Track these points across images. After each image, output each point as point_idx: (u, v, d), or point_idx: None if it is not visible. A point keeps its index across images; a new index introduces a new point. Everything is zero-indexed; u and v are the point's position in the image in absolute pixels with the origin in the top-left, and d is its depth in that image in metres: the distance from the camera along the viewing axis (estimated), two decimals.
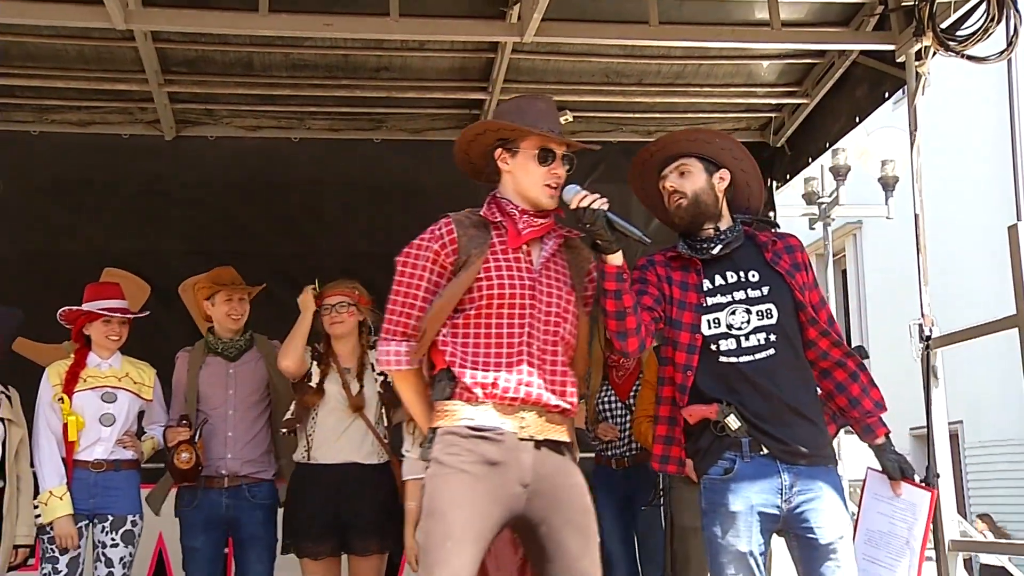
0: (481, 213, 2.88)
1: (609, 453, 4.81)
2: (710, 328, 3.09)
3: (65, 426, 4.30)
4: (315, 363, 4.35)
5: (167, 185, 5.80)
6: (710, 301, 3.12)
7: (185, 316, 4.80)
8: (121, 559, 4.32)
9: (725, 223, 3.22)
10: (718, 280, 3.15)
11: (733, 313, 3.10)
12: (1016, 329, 3.90)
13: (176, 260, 5.42)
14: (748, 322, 3.08)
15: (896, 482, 3.28)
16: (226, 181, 5.83)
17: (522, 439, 2.69)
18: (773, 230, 3.31)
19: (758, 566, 3.02)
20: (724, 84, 5.94)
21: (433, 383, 2.79)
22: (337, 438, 4.26)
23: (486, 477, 2.64)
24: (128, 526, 4.35)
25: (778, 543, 3.19)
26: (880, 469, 3.31)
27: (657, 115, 6.19)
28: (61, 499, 4.22)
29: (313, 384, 4.29)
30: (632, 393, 4.80)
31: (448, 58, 5.58)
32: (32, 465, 4.29)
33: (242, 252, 5.38)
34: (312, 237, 5.88)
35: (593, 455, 4.87)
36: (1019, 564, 5.86)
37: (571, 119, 5.94)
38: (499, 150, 2.90)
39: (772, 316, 3.08)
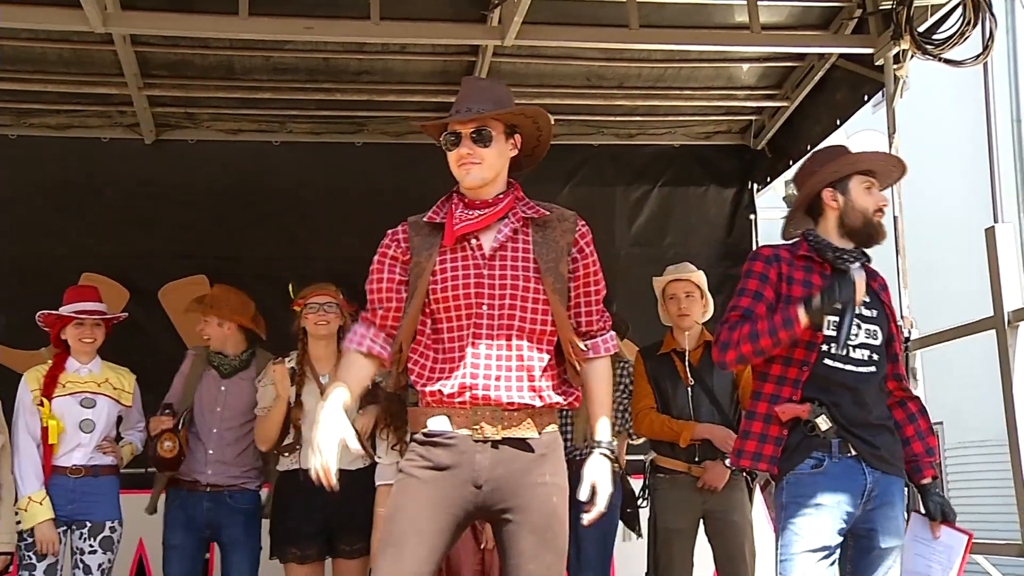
0: (427, 216, 2.83)
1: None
2: (828, 328, 3.14)
3: (45, 430, 4.28)
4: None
5: (148, 189, 5.76)
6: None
7: (167, 320, 4.79)
8: (99, 565, 4.29)
9: None
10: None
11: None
12: (994, 331, 3.92)
13: (158, 264, 5.42)
14: (857, 336, 3.17)
15: (936, 524, 3.34)
16: (208, 185, 5.81)
17: (476, 440, 2.64)
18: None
19: (834, 561, 3.11)
20: (704, 87, 5.97)
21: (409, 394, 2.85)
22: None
23: (434, 482, 2.64)
24: (107, 532, 4.33)
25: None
26: (924, 512, 3.37)
27: (638, 118, 6.21)
28: (41, 504, 4.19)
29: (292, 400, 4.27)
30: None
31: (429, 61, 5.59)
32: (12, 471, 4.25)
33: (225, 255, 5.38)
34: (295, 240, 5.86)
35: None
36: (1000, 565, 5.90)
37: (551, 122, 5.95)
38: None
39: (877, 338, 3.19)
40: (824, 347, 3.13)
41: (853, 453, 3.11)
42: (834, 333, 3.11)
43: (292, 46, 5.29)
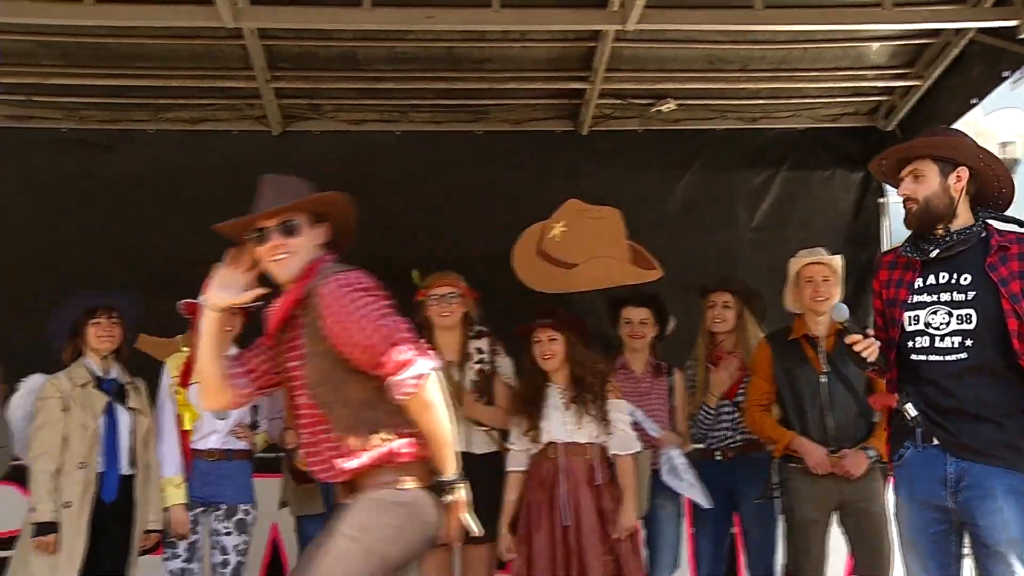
0: None
1: (715, 445, 4.74)
2: (909, 324, 3.22)
3: (180, 417, 4.43)
4: None
5: None
6: (915, 299, 3.24)
7: None
8: (235, 546, 4.43)
9: (961, 222, 3.26)
10: (930, 280, 3.24)
11: (934, 313, 3.20)
12: None
13: None
14: (947, 324, 3.17)
15: None
16: (331, 175, 5.80)
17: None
18: (1016, 233, 3.25)
19: (923, 552, 3.17)
20: (832, 68, 5.80)
21: None
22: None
23: None
24: (240, 515, 4.46)
25: None
26: None
27: (761, 101, 6.08)
28: (177, 488, 4.36)
29: None
30: (740, 390, 4.71)
31: (549, 48, 5.56)
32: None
33: (350, 247, 5.45)
34: (416, 228, 5.91)
35: (702, 446, 4.80)
36: None
37: (673, 107, 5.89)
38: None
39: (971, 321, 3.14)
40: (908, 343, 3.21)
41: (936, 442, 3.13)
42: (914, 329, 3.18)
43: (413, 36, 5.32)
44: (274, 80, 5.54)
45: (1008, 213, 3.31)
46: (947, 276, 3.21)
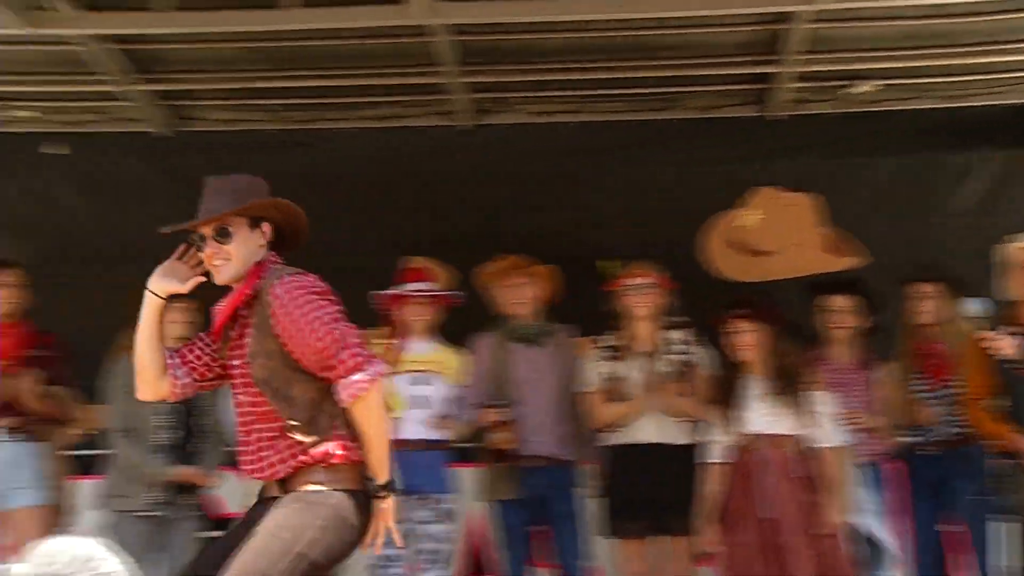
0: None
1: (927, 437, 4.54)
2: None
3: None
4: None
5: (468, 174, 5.99)
6: None
7: (486, 302, 4.94)
8: (438, 535, 4.51)
9: None
10: None
11: None
12: None
13: (475, 247, 5.58)
14: None
15: None
16: (523, 167, 5.97)
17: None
18: None
19: None
20: None
21: None
22: (644, 419, 4.28)
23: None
24: (441, 504, 4.54)
25: None
26: None
27: (966, 77, 5.77)
28: None
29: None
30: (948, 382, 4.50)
31: (735, 32, 5.45)
32: None
33: (538, 237, 5.50)
34: (603, 221, 5.90)
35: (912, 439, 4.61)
36: None
37: (870, 88, 5.68)
38: None
39: None
40: None
41: None
42: None
43: (596, 25, 5.32)
44: (464, 75, 5.62)
45: None
46: None
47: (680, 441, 4.32)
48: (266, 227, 2.83)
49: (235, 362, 2.79)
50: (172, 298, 2.86)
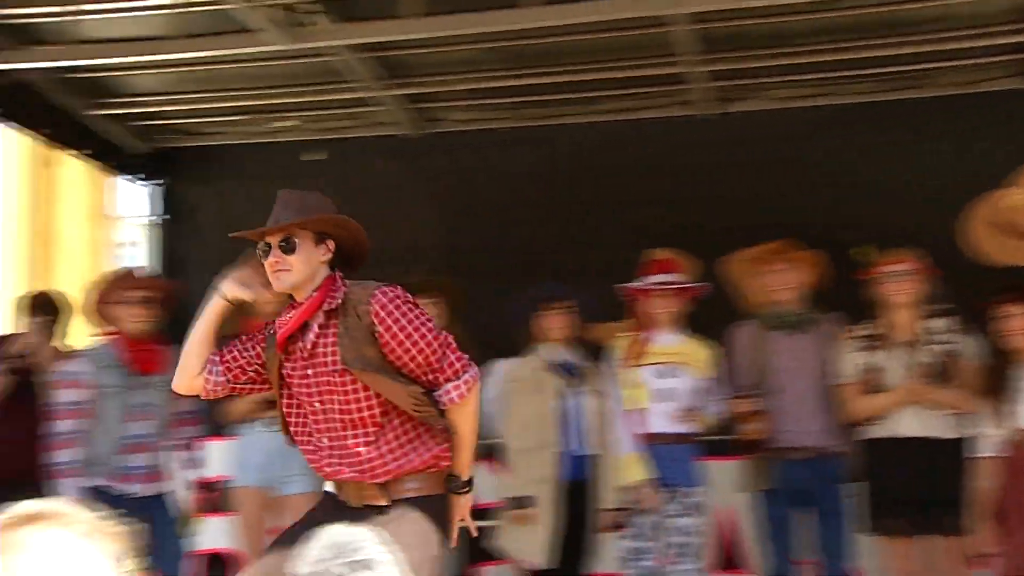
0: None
1: None
2: None
3: (628, 397, 4.54)
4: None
5: (711, 163, 5.90)
6: None
7: (732, 292, 4.83)
8: (690, 529, 4.44)
9: None
10: None
11: None
12: None
13: (720, 237, 5.47)
14: None
15: None
16: (770, 155, 5.82)
17: (349, 506, 2.89)
18: None
19: None
20: None
21: None
22: (905, 412, 4.08)
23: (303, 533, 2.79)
24: (693, 497, 4.47)
25: None
26: None
27: None
28: (632, 466, 4.46)
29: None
30: None
31: None
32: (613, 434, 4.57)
33: (786, 225, 5.32)
34: (856, 208, 5.65)
35: None
36: None
37: None
38: None
39: None
40: None
41: None
42: None
43: (844, 4, 5.10)
44: (705, 63, 5.53)
45: None
46: None
47: (946, 435, 4.08)
48: (330, 244, 2.92)
49: (308, 371, 2.88)
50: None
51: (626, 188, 5.95)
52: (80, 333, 4.97)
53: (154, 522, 4.30)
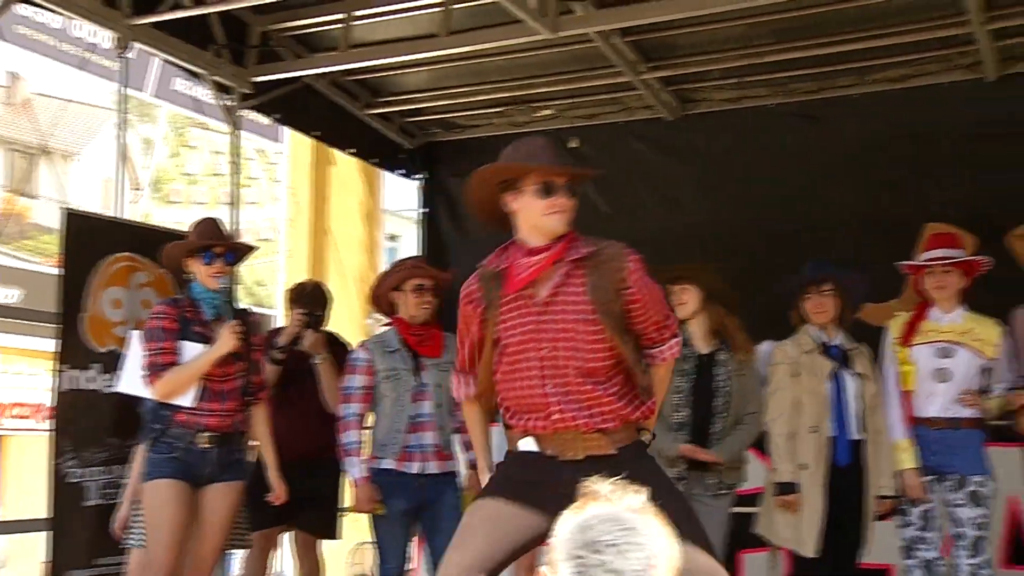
0: (487, 264, 3.04)
1: None
2: None
3: (902, 376, 4.30)
4: None
5: (989, 130, 5.45)
6: None
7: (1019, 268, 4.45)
8: (972, 520, 4.18)
9: None
10: None
11: None
12: None
13: (1004, 209, 5.06)
14: None
15: None
16: None
17: (563, 460, 2.91)
18: None
19: None
20: None
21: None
22: None
23: (521, 494, 2.93)
24: (973, 487, 4.20)
25: None
26: None
27: None
28: (905, 452, 4.26)
29: None
30: None
31: None
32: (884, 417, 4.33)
33: None
34: None
35: None
36: None
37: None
38: (505, 194, 2.97)
39: None
40: None
41: None
42: None
43: None
44: (990, 21, 5.09)
45: None
46: None
47: None
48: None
49: (543, 317, 2.92)
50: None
51: (904, 161, 5.59)
52: (340, 321, 5.16)
53: (440, 500, 4.46)
